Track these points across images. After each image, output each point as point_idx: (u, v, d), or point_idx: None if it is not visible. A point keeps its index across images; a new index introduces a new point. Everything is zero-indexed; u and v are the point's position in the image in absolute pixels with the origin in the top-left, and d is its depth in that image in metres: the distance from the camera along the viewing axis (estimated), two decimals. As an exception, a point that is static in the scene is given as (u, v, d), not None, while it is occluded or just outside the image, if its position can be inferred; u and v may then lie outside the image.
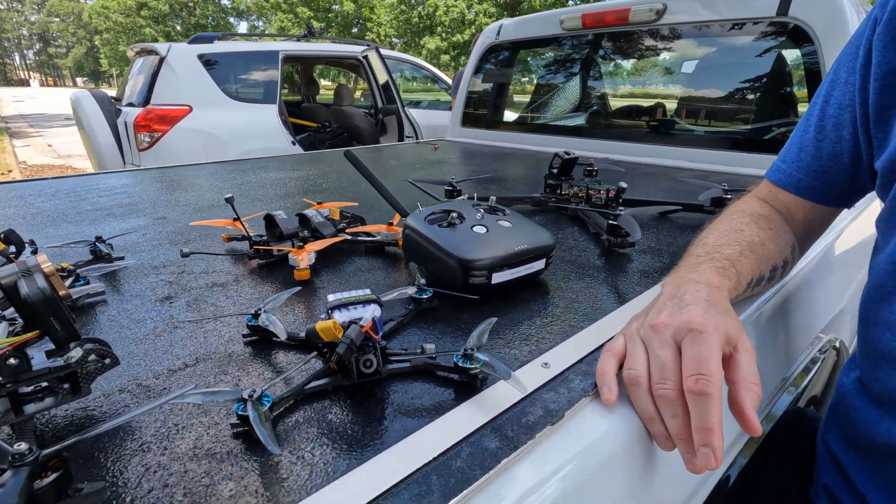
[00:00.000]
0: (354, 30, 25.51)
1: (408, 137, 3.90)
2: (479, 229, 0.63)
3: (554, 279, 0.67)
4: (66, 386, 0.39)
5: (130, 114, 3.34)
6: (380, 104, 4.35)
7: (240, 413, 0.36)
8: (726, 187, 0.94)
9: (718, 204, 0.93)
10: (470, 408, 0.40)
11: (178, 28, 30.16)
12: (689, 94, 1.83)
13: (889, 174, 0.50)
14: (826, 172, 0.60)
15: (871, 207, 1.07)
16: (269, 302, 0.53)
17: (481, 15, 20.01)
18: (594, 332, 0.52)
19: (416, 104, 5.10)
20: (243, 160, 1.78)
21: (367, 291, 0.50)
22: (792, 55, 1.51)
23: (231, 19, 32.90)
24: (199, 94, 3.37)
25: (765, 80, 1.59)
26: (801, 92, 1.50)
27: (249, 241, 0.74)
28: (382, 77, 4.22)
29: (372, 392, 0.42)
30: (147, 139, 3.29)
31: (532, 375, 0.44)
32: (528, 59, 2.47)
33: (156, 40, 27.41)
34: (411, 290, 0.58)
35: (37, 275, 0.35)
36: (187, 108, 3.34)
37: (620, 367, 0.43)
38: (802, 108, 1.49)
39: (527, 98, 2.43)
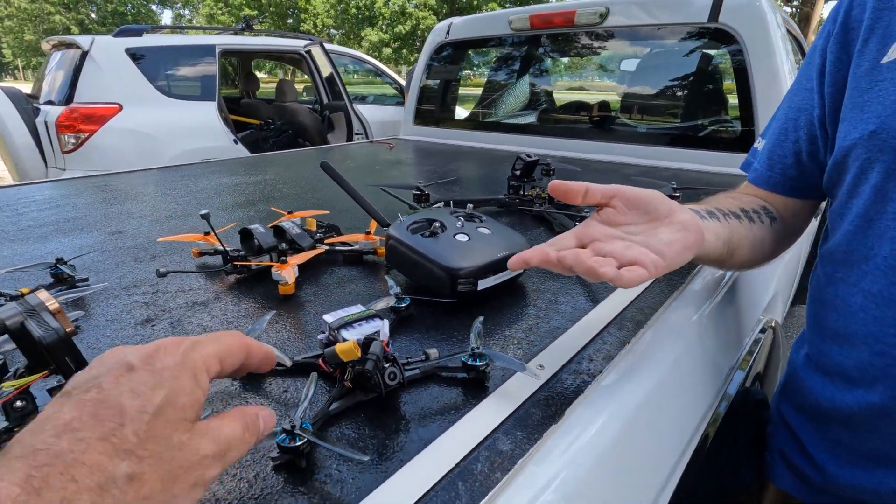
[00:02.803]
0: (290, 20, 24.60)
1: (357, 135, 3.85)
2: (462, 238, 0.66)
3: (531, 281, 0.71)
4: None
5: (51, 113, 3.08)
6: (325, 100, 4.26)
7: (285, 446, 0.36)
8: (675, 185, 1.02)
9: (669, 201, 1.00)
10: (481, 410, 0.43)
11: (94, 16, 27.78)
12: (633, 94, 1.94)
13: (836, 169, 0.57)
14: (787, 167, 0.65)
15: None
16: (253, 330, 0.51)
17: (421, 7, 19.89)
18: (578, 332, 0.56)
19: (363, 99, 5.03)
20: (191, 165, 1.71)
21: (361, 308, 0.51)
22: (722, 57, 1.64)
23: (154, 7, 30.69)
24: (129, 91, 3.16)
25: (701, 80, 1.71)
26: (732, 96, 1.63)
27: (225, 256, 0.72)
28: (327, 71, 4.13)
29: (385, 405, 0.44)
30: (72, 140, 3.06)
31: (530, 377, 0.48)
32: (478, 57, 2.51)
33: (67, 29, 25.14)
34: (390, 300, 0.60)
35: (44, 314, 0.34)
36: (117, 106, 3.12)
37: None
38: (733, 105, 1.63)
39: (478, 95, 2.48)
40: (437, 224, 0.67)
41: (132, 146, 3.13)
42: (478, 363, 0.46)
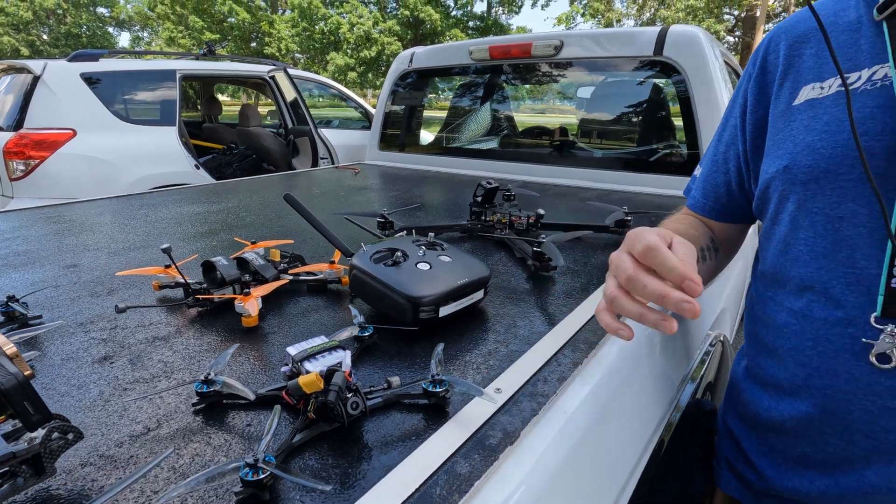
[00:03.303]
0: (253, 44, 24.49)
1: (322, 160, 3.85)
2: (423, 266, 0.68)
3: (491, 306, 0.74)
4: (24, 468, 0.38)
5: (-1, 139, 2.96)
6: (289, 124, 4.25)
7: (248, 479, 0.37)
8: (627, 210, 1.08)
9: (622, 225, 1.06)
10: (441, 435, 0.45)
11: (45, 38, 26.86)
12: (588, 121, 2.04)
13: (761, 199, 0.63)
14: (720, 196, 0.72)
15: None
16: (215, 364, 0.52)
17: (386, 33, 20.20)
18: (534, 355, 0.59)
19: (328, 123, 5.04)
20: (150, 193, 1.68)
21: (324, 339, 0.53)
22: (668, 87, 1.75)
23: (110, 29, 29.95)
24: (83, 116, 3.08)
25: (650, 108, 1.82)
26: (677, 120, 1.74)
27: (187, 289, 0.72)
28: (291, 96, 4.13)
29: (348, 434, 0.45)
30: (21, 167, 2.95)
31: (488, 401, 0.50)
32: (442, 83, 2.58)
33: (17, 51, 24.23)
34: (353, 330, 0.62)
35: (0, 358, 0.34)
36: (70, 131, 3.04)
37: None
38: (679, 130, 1.73)
39: (441, 121, 2.54)
40: (399, 253, 0.69)
41: (87, 172, 3.04)
42: (438, 389, 0.48)
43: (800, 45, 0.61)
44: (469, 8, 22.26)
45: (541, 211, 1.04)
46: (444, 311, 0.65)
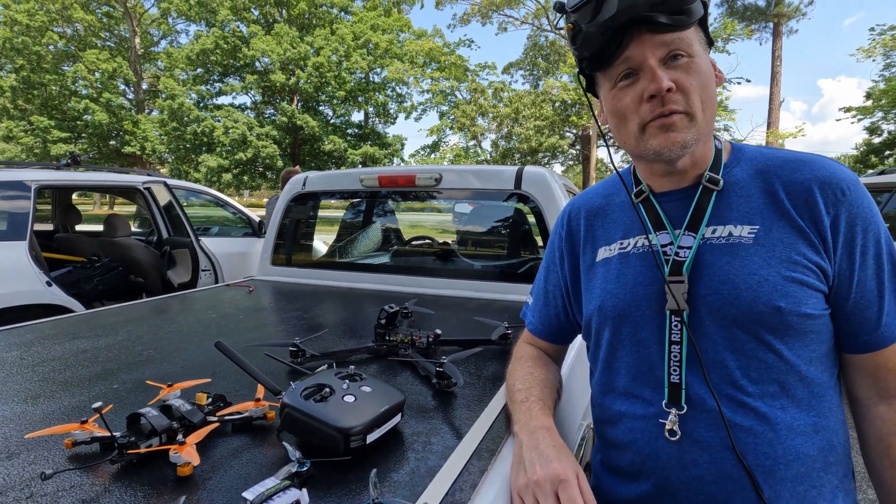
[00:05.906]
0: (112, 142, 22.94)
1: (204, 271, 3.71)
2: (349, 398, 0.79)
3: (408, 426, 0.86)
4: None
5: None
6: (164, 234, 4.06)
7: None
8: (507, 325, 1.31)
9: (504, 338, 1.28)
10: (386, 554, 0.55)
11: None
12: (468, 240, 2.36)
13: (586, 328, 0.87)
14: (553, 326, 0.97)
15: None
16: None
17: (263, 137, 20.45)
18: (449, 468, 0.72)
19: (206, 231, 4.87)
20: (16, 328, 1.53)
21: (276, 480, 0.61)
22: (528, 212, 2.14)
23: (-76, 121, 25.90)
24: None
25: (516, 228, 2.18)
26: (539, 237, 2.11)
27: (113, 444, 0.73)
28: (165, 201, 3.99)
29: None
30: None
31: (419, 515, 0.61)
32: (333, 205, 2.77)
33: None
34: (293, 466, 0.70)
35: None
36: None
37: None
38: (540, 247, 2.09)
39: (332, 237, 2.70)
40: (326, 389, 0.80)
41: None
42: None
43: (593, 217, 0.90)
44: (347, 117, 23.73)
45: (438, 331, 1.21)
46: (371, 437, 0.76)
